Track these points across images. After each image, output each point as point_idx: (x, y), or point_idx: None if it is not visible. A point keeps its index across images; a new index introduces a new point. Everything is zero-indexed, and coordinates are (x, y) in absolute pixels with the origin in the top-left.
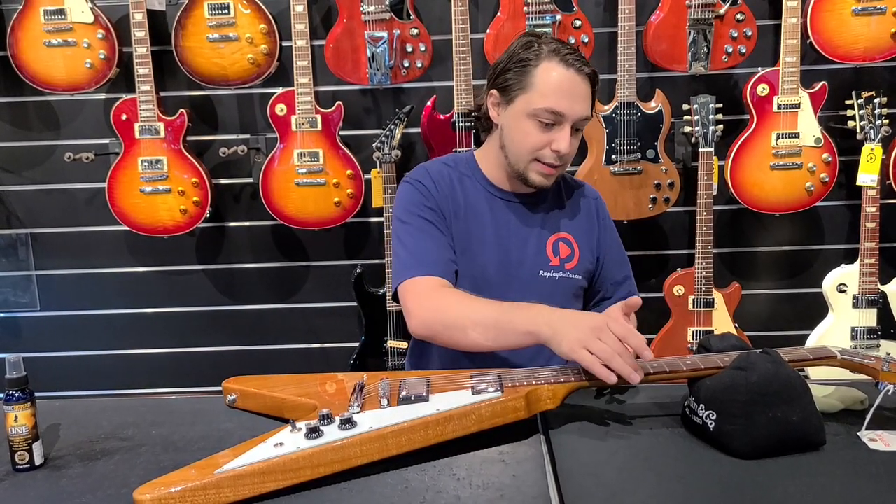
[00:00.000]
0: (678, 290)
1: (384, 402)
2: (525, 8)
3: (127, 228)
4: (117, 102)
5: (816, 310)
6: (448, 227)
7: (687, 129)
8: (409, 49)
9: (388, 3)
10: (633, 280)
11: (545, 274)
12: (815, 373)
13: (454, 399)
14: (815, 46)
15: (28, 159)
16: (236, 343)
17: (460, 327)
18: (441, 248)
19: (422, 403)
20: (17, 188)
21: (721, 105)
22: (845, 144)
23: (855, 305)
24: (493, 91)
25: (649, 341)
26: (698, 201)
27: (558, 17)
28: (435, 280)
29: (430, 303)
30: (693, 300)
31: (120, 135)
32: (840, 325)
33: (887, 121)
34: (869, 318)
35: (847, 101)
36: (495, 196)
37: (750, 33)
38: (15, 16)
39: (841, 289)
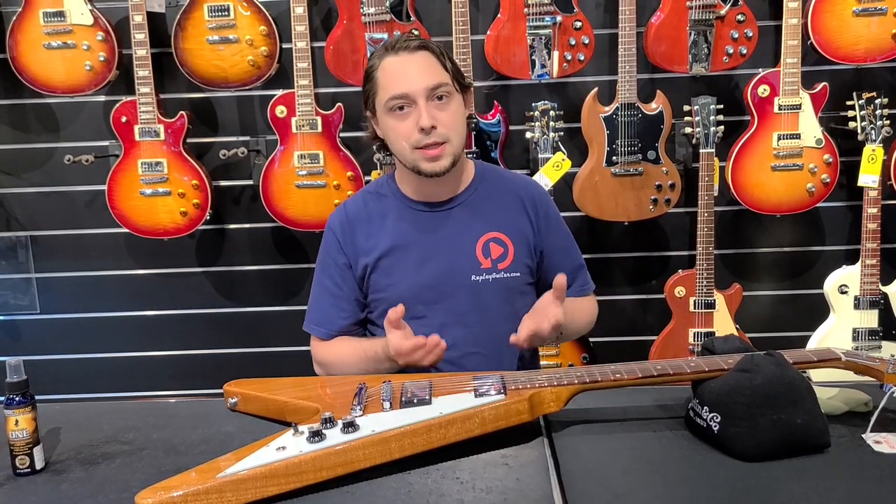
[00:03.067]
0: (679, 291)
1: (386, 405)
2: (525, 9)
3: (127, 231)
4: (117, 104)
5: (818, 311)
6: (353, 275)
7: (688, 130)
8: None
9: (388, 4)
10: (585, 271)
11: (477, 278)
12: (817, 374)
13: (457, 402)
14: (816, 47)
15: (28, 162)
16: (237, 346)
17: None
18: (333, 307)
19: (424, 406)
20: (16, 191)
21: (722, 106)
22: (846, 145)
23: (856, 306)
24: (367, 113)
25: (650, 342)
26: (699, 202)
27: (559, 18)
28: (322, 343)
29: (320, 361)
30: (694, 301)
31: (120, 137)
32: (841, 327)
33: (888, 122)
34: (870, 319)
35: (848, 102)
36: (416, 210)
37: (751, 34)
38: (14, 18)
39: (842, 290)
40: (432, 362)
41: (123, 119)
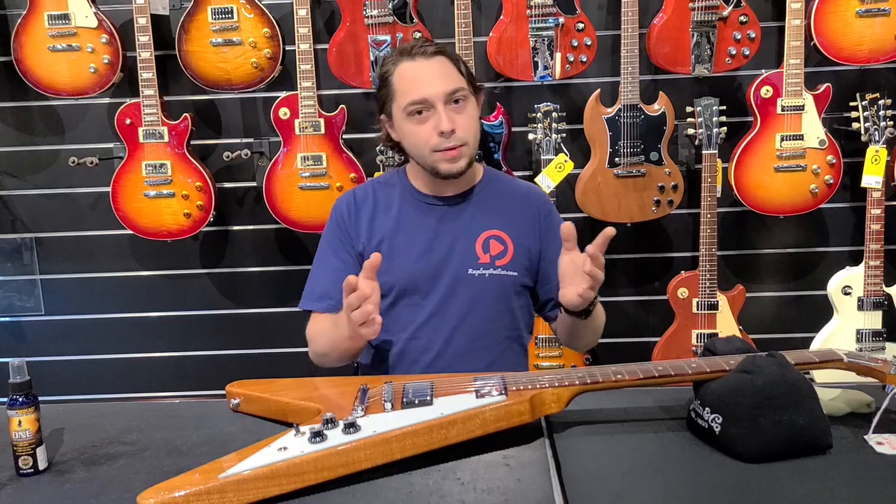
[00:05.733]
0: (682, 292)
1: (388, 405)
2: (528, 11)
3: (131, 232)
4: (121, 107)
5: (821, 312)
6: (355, 252)
7: (690, 131)
8: None
9: (390, 6)
10: None
11: (474, 272)
12: (820, 375)
13: (458, 403)
14: (819, 48)
15: (32, 164)
16: (240, 347)
17: (322, 353)
18: (333, 277)
19: (426, 407)
20: (21, 193)
21: (725, 107)
22: (850, 146)
23: (860, 308)
24: (381, 116)
25: (653, 344)
26: (702, 203)
27: (561, 19)
28: (318, 318)
29: (310, 336)
30: (697, 303)
31: (124, 139)
32: (845, 328)
33: (892, 122)
34: (874, 320)
35: (851, 103)
36: (423, 202)
37: (753, 35)
38: (19, 21)
39: (846, 291)
40: (363, 328)
41: (128, 121)
